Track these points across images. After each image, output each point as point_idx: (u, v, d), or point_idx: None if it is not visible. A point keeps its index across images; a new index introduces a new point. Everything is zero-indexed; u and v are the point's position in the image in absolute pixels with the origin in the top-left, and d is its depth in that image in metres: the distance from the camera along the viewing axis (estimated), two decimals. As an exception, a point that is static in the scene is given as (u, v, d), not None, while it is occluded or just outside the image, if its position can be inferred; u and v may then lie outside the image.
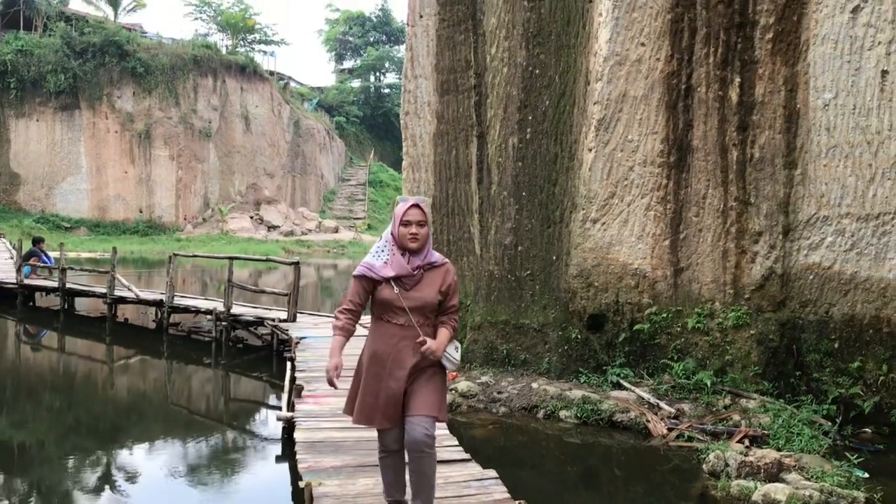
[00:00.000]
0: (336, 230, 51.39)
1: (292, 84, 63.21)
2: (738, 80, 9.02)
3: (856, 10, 8.45)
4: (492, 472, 5.80)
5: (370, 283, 4.41)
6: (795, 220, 8.90)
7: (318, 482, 5.52)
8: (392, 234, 4.41)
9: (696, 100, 9.23)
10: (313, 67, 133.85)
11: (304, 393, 8.20)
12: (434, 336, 4.41)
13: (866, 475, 6.83)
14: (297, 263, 14.11)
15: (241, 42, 58.36)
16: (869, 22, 8.38)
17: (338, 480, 5.64)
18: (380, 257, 4.40)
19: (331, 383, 4.41)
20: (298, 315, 14.00)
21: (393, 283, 4.33)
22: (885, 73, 8.34)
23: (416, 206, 4.35)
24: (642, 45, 9.27)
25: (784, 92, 8.87)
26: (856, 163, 8.53)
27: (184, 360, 13.93)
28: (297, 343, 11.43)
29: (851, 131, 8.53)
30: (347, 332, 4.45)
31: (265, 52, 59.90)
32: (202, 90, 48.69)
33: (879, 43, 8.35)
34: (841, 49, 8.56)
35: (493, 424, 8.76)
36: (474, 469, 5.91)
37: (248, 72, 51.86)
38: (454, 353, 4.49)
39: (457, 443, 6.67)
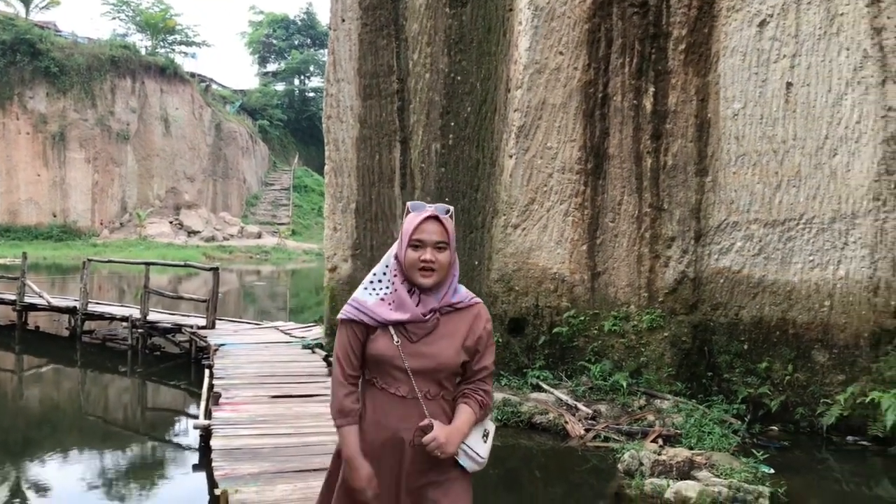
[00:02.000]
0: (259, 236, 50.58)
1: (214, 86, 61.98)
2: (652, 89, 9.30)
3: (762, 24, 8.81)
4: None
5: (363, 331, 2.84)
6: (706, 225, 9.22)
7: (234, 489, 5.45)
8: (397, 257, 2.86)
9: (612, 108, 9.46)
10: (236, 70, 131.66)
11: (221, 400, 8.08)
12: (450, 415, 2.83)
13: (772, 471, 7.11)
14: (216, 269, 13.86)
15: (161, 43, 56.96)
16: (774, 36, 8.76)
17: (255, 487, 5.57)
18: (374, 291, 2.86)
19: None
20: (218, 322, 13.76)
21: (393, 331, 2.78)
22: (789, 84, 8.72)
23: (434, 218, 2.79)
24: (561, 53, 9.46)
25: (696, 102, 9.19)
26: (763, 171, 8.89)
27: (98, 368, 13.51)
28: (216, 350, 11.24)
29: (759, 140, 8.89)
30: (354, 417, 2.83)
31: (186, 54, 58.65)
32: (120, 92, 47.31)
33: (784, 56, 8.73)
34: (749, 61, 8.91)
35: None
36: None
37: (168, 73, 50.63)
38: (479, 446, 2.86)
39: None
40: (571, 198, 9.62)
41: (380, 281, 2.87)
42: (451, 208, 2.85)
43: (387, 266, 2.88)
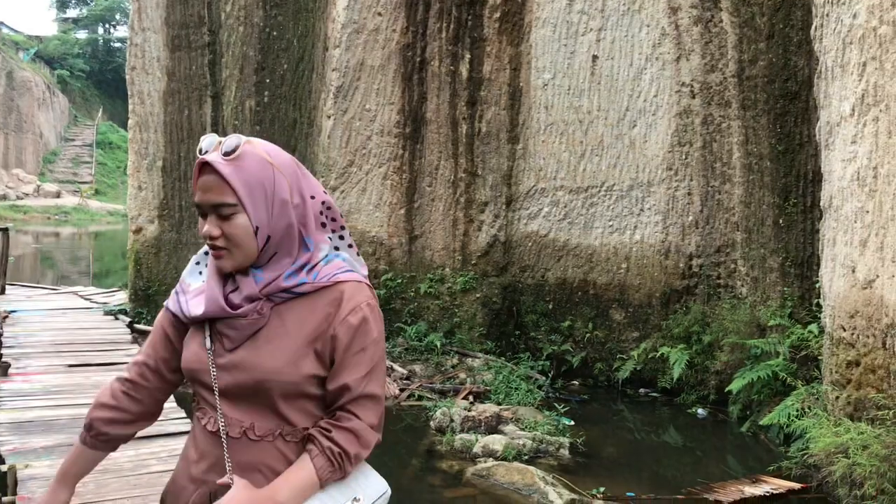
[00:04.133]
0: (58, 195, 47.00)
1: (5, 30, 56.47)
2: (468, 56, 9.45)
3: (572, -2, 9.16)
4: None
5: (179, 326, 1.87)
6: (517, 191, 9.56)
7: (24, 465, 5.07)
8: None
9: (429, 73, 9.54)
10: (31, 13, 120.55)
11: (11, 371, 7.49)
12: (285, 466, 1.72)
13: (572, 422, 7.57)
14: (5, 230, 12.76)
15: (-60, -23, 51.01)
16: (583, 9, 9.14)
17: (48, 461, 5.22)
18: (205, 268, 1.86)
19: None
20: (8, 287, 12.71)
21: (208, 332, 1.77)
22: (595, 57, 9.15)
23: (205, 165, 1.70)
24: (379, 14, 9.39)
25: (509, 70, 9.45)
26: (569, 140, 9.32)
27: None
28: (6, 317, 10.36)
29: (566, 110, 9.29)
30: (107, 434, 1.90)
31: (-30, -8, 52.91)
32: None
33: (591, 30, 9.14)
34: (559, 33, 9.26)
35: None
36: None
37: (-52, 12, 45.50)
38: None
39: (184, 415, 6.44)
40: (390, 161, 9.65)
41: (208, 254, 1.84)
42: (244, 140, 1.72)
43: None
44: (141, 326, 10.47)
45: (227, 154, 1.69)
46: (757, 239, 8.02)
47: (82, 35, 65.72)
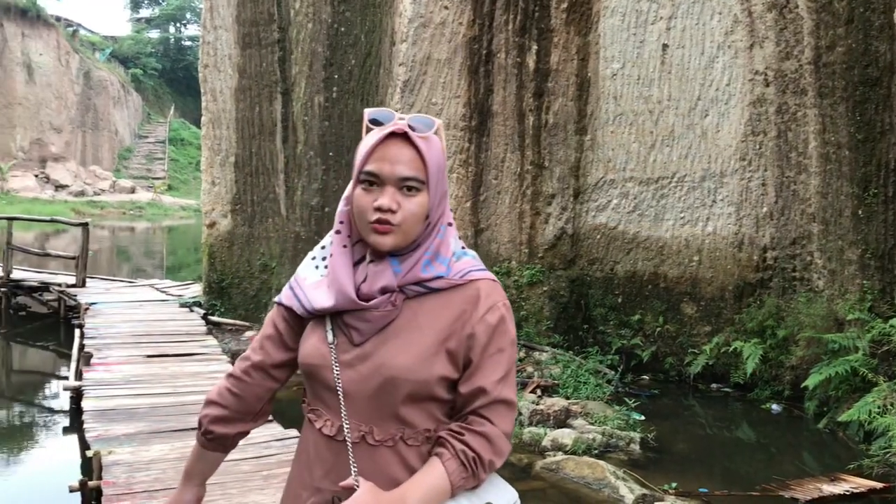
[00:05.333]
0: (133, 191, 48.44)
1: (82, 31, 58.37)
2: (535, 47, 9.39)
3: (641, -14, 9.02)
4: (293, 432, 5.79)
5: (295, 322, 1.77)
6: (585, 183, 9.47)
7: (107, 451, 5.27)
8: (349, 201, 1.71)
9: (496, 65, 9.52)
10: (106, 14, 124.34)
11: (93, 361, 7.78)
12: (405, 473, 1.60)
13: (642, 417, 7.47)
14: (86, 225, 13.24)
15: (21, -18, 52.97)
16: (652, -2, 8.99)
17: (130, 448, 5.41)
18: (324, 261, 1.76)
19: None
20: (89, 280, 13.16)
21: (330, 325, 1.69)
22: (665, 46, 8.99)
23: (402, 136, 1.63)
24: (446, 8, 9.40)
25: (577, 61, 9.36)
26: (639, 130, 9.18)
27: (-44, 330, 12.68)
28: (87, 309, 10.76)
29: (636, 100, 9.16)
30: (212, 432, 1.84)
31: (50, -5, 54.80)
32: (-25, 33, 43.84)
33: (661, 18, 8.98)
34: (628, 22, 9.13)
35: (296, 386, 8.71)
36: (276, 429, 5.87)
37: (30, 16, 47.22)
38: None
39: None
40: (456, 154, 9.66)
41: (332, 244, 1.74)
42: (438, 122, 1.67)
43: (340, 223, 1.73)
44: (215, 318, 10.74)
45: (422, 132, 1.64)
46: (834, 230, 7.77)
47: (154, 34, 67.57)
